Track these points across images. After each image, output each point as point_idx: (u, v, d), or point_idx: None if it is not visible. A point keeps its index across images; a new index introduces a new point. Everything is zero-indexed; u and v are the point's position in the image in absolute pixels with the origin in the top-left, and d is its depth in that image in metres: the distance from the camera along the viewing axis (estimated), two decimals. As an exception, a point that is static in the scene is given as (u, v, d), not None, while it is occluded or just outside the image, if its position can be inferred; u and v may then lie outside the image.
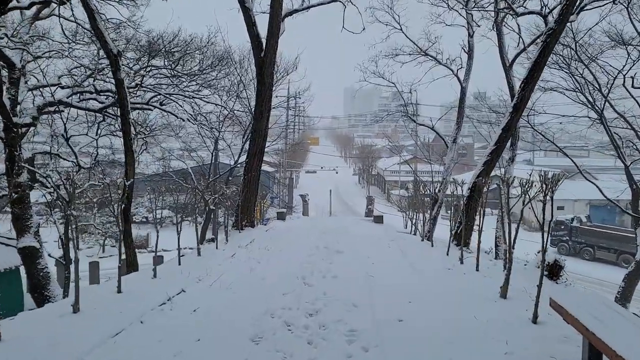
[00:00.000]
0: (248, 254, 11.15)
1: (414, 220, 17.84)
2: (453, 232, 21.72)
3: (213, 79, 23.91)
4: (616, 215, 45.86)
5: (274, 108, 29.48)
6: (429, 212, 20.55)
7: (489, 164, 13.31)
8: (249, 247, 12.04)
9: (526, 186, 7.27)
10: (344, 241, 13.09)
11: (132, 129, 21.32)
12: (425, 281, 8.43)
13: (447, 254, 11.41)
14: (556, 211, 45.02)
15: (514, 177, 7.76)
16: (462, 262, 10.11)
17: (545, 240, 6.25)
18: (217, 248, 12.31)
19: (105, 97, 19.23)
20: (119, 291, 7.45)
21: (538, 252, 9.24)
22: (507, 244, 7.43)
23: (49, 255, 17.76)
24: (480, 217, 9.65)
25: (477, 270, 9.12)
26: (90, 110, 18.91)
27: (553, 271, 8.69)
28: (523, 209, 7.55)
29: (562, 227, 37.80)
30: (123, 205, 12.87)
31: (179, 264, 10.06)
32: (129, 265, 12.68)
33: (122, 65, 20.13)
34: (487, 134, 24.74)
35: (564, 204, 45.23)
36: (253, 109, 15.62)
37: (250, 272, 9.04)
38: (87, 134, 17.74)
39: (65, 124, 16.72)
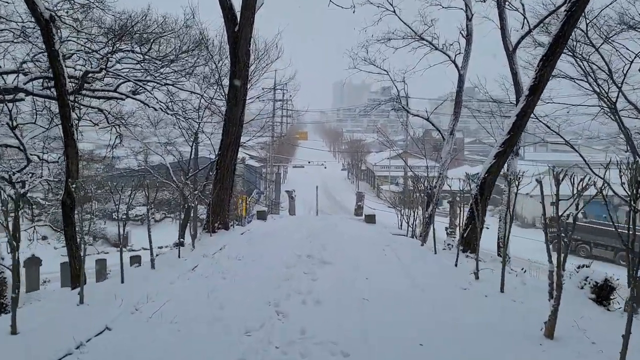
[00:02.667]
0: (213, 266, 8.90)
1: (409, 219, 15.71)
2: (451, 234, 19.44)
3: (191, 66, 21.53)
4: (610, 211, 44.16)
5: (258, 98, 27.17)
6: (425, 209, 18.51)
7: (501, 156, 11.16)
8: (216, 256, 9.77)
9: (585, 183, 5.15)
10: (332, 247, 10.87)
11: (105, 119, 18.96)
12: (437, 309, 6.24)
13: (456, 265, 9.25)
14: (550, 207, 42.98)
15: (566, 169, 5.61)
16: (477, 277, 7.97)
17: (636, 263, 4.12)
18: (179, 257, 10.06)
19: (74, 84, 16.97)
20: (13, 332, 5.19)
21: (579, 268, 7.12)
22: (557, 265, 5.29)
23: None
24: (507, 221, 7.47)
25: (502, 291, 6.96)
26: (51, 98, 16.55)
27: (602, 294, 6.58)
28: (576, 214, 5.44)
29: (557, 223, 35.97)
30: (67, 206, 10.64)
31: (122, 282, 7.80)
32: (74, 277, 10.37)
33: (91, 50, 17.76)
34: (484, 128, 22.65)
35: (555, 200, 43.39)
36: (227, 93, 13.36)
37: (208, 296, 6.78)
38: (35, 122, 15.32)
39: (10, 112, 14.30)
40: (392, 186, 51.08)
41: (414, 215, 15.58)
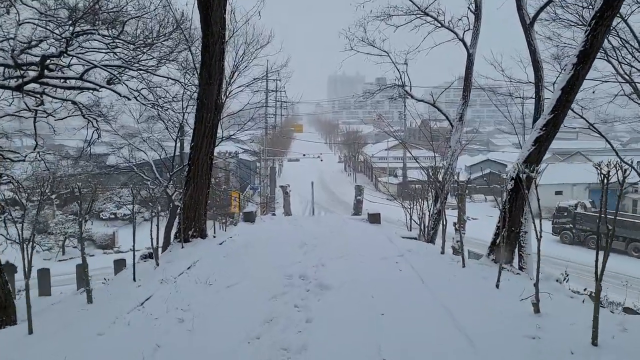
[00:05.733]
0: (172, 297, 6.36)
1: (420, 219, 13.21)
2: (460, 229, 16.94)
3: (171, 52, 18.82)
4: (617, 199, 41.93)
5: (247, 87, 24.51)
6: (434, 204, 16.12)
7: (542, 142, 8.61)
8: (180, 280, 7.24)
9: None
10: (332, 262, 8.36)
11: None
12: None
13: (497, 286, 6.76)
14: (554, 196, 40.90)
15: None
16: (537, 311, 5.48)
17: None
18: (134, 279, 7.55)
19: (34, 72, 14.41)
20: None
21: None
22: None
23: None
24: (605, 236, 4.97)
25: (595, 343, 4.45)
26: (7, 87, 13.94)
27: None
28: None
29: (565, 213, 33.62)
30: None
31: (30, 332, 5.27)
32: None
33: (60, 37, 15.11)
34: (502, 112, 20.13)
35: (562, 188, 41.09)
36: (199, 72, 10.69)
37: (142, 363, 4.27)
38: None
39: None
40: (391, 178, 48.61)
41: (426, 212, 13.08)
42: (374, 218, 13.90)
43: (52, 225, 31.99)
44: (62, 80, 16.21)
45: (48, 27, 15.28)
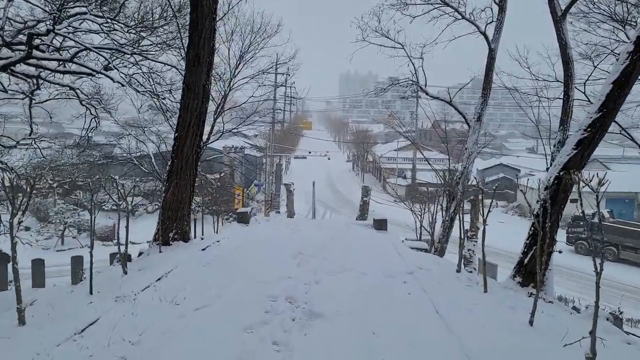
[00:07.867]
0: (124, 321, 5.01)
1: (432, 227, 11.78)
2: (472, 237, 15.72)
3: (172, 38, 17.47)
4: (634, 209, 40.03)
5: (252, 78, 23.11)
6: (446, 209, 14.73)
7: (587, 145, 7.15)
8: (141, 297, 5.88)
9: None
10: (328, 279, 6.98)
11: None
12: None
13: (531, 323, 5.34)
14: (569, 204, 38.90)
15: None
16: (594, 366, 4.07)
17: None
18: (91, 292, 6.23)
19: (22, 52, 13.17)
20: None
21: None
22: None
23: None
24: None
25: None
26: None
27: None
28: None
29: (581, 223, 31.91)
30: None
31: None
32: None
33: (43, 8, 13.92)
34: (528, 117, 18.53)
35: (576, 196, 39.22)
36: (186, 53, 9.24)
37: None
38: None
39: None
40: (400, 179, 47.06)
41: (438, 219, 11.68)
42: (380, 224, 12.47)
43: (52, 214, 30.98)
44: (59, 64, 14.88)
45: (45, 9, 14.03)
